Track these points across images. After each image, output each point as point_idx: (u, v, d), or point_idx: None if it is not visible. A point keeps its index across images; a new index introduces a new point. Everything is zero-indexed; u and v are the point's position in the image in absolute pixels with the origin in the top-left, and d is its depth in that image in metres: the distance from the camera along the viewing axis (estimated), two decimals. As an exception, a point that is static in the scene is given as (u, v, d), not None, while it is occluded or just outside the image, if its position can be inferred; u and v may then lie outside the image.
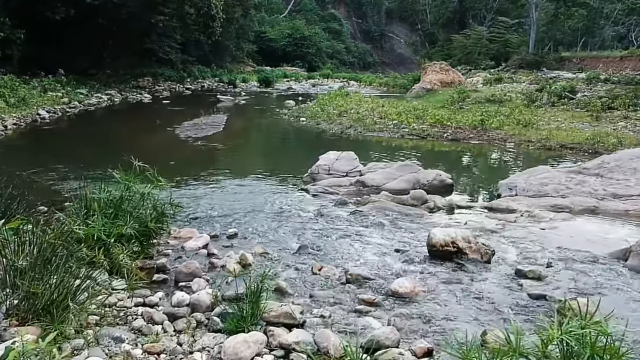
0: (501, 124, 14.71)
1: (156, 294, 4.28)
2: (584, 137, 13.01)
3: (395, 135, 14.44)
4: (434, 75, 29.43)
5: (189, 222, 6.40)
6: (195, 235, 5.76)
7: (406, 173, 8.52)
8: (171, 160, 10.98)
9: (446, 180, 8.51)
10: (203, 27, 31.25)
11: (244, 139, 14.71)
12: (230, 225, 6.33)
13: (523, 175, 8.25)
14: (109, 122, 17.72)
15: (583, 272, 4.89)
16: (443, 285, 4.55)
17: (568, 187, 7.58)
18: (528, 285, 4.51)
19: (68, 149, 12.03)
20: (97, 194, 4.66)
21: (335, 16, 69.76)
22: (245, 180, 8.96)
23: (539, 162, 11.57)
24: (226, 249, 5.48)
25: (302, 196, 7.94)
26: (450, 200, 7.45)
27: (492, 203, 7.36)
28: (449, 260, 5.13)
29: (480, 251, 5.18)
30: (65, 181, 8.28)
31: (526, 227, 6.29)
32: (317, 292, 4.33)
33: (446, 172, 9.41)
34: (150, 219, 4.98)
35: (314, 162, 9.56)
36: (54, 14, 22.35)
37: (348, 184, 8.37)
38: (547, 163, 11.35)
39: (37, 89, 20.18)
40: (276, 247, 5.59)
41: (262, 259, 5.13)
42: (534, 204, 7.18)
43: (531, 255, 5.37)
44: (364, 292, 4.35)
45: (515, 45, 49.20)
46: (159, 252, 5.28)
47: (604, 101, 17.69)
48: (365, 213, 6.85)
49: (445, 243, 5.17)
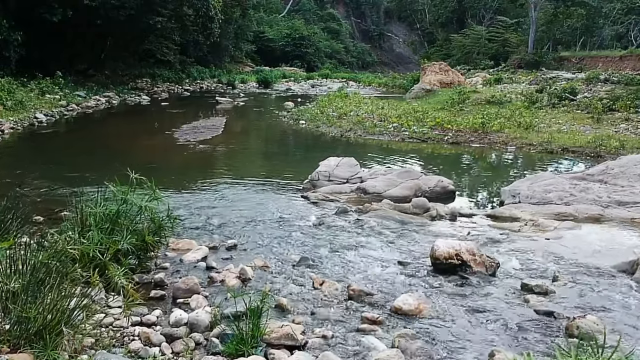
0: (502, 127, 14.60)
1: (154, 311, 4.17)
2: (585, 140, 12.91)
3: (396, 138, 14.34)
4: (434, 75, 29.34)
5: (188, 231, 6.29)
6: (193, 247, 5.65)
7: (407, 179, 8.41)
8: (169, 166, 10.89)
9: (448, 186, 8.40)
10: (201, 28, 31.11)
11: (243, 143, 14.59)
12: (230, 235, 6.22)
13: (526, 182, 8.14)
14: (107, 125, 17.59)
15: (590, 286, 4.78)
16: (448, 301, 4.44)
17: (572, 194, 7.47)
18: (535, 301, 4.40)
19: (65, 154, 11.91)
20: (93, 208, 4.53)
21: (334, 16, 69.72)
22: (244, 186, 8.84)
23: (541, 166, 11.52)
24: (225, 262, 5.37)
25: (302, 204, 7.82)
26: (452, 208, 7.33)
27: (495, 211, 7.26)
28: (453, 273, 5.02)
29: (485, 264, 5.07)
30: (61, 189, 8.15)
31: (530, 237, 6.18)
32: (319, 310, 4.22)
33: (448, 177, 9.31)
34: (148, 232, 4.86)
35: (314, 167, 9.46)
36: (51, 15, 22.21)
37: (349, 191, 8.26)
38: (549, 167, 11.32)
39: (34, 91, 20.05)
40: (276, 258, 5.49)
41: (262, 273, 5.02)
42: (537, 211, 7.08)
43: (536, 267, 5.26)
44: (367, 309, 4.24)
45: (514, 44, 49.14)
46: (157, 266, 5.18)
47: (605, 103, 17.57)
48: (367, 222, 6.74)
49: (449, 255, 5.06)
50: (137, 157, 11.65)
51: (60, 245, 3.65)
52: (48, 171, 9.62)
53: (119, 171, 5.19)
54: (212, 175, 9.87)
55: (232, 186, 8.86)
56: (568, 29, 52.65)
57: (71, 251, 3.61)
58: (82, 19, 23.81)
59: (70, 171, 9.65)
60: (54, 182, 8.59)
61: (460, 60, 48.81)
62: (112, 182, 5.02)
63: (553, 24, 50.79)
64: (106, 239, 4.41)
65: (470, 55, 51.08)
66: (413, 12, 73.19)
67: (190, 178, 9.27)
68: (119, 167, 5.31)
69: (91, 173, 9.30)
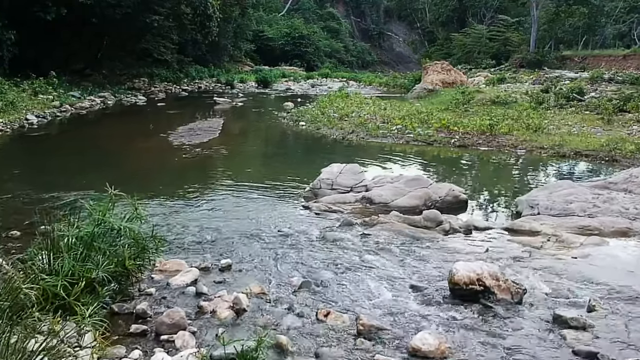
0: (510, 129, 14.01)
1: (132, 351, 3.60)
2: (599, 143, 12.32)
3: (400, 141, 13.76)
4: (436, 75, 28.77)
5: (177, 249, 5.72)
6: (183, 269, 5.08)
7: (416, 188, 7.83)
8: (161, 172, 10.31)
9: (460, 195, 7.82)
10: (199, 27, 30.53)
11: (240, 146, 14.00)
12: (224, 253, 5.65)
13: (544, 191, 7.55)
14: (100, 127, 16.98)
15: (631, 317, 4.21)
16: (471, 338, 3.87)
17: (595, 205, 6.90)
18: (572, 338, 3.82)
19: (52, 159, 11.31)
20: (66, 230, 3.96)
21: (333, 15, 69.15)
22: (241, 195, 8.25)
23: (555, 172, 10.96)
24: (218, 286, 4.81)
25: (303, 215, 7.25)
26: (466, 220, 6.75)
27: (513, 224, 6.67)
28: (474, 300, 4.45)
29: (510, 290, 4.50)
30: (43, 197, 7.57)
31: (556, 256, 5.60)
32: (324, 350, 3.65)
33: (457, 183, 8.75)
34: (129, 255, 4.28)
35: (315, 173, 8.90)
36: (45, 13, 21.65)
37: (353, 201, 7.67)
38: (564, 173, 10.76)
39: (27, 91, 19.47)
40: (275, 282, 4.91)
41: (258, 301, 4.44)
42: (559, 224, 6.50)
43: (567, 293, 4.69)
44: (380, 349, 3.67)
45: (515, 44, 48.71)
46: (140, 291, 4.60)
47: (615, 103, 16.99)
48: (374, 237, 6.17)
49: (470, 281, 4.49)
50: (128, 162, 11.08)
51: (17, 282, 3.06)
52: (31, 177, 9.05)
53: (107, 178, 4.63)
54: (206, 182, 9.29)
55: (227, 195, 8.27)
56: (570, 27, 52.23)
57: (27, 292, 3.01)
58: (77, 18, 23.25)
59: (55, 177, 9.07)
60: (37, 189, 8.00)
61: (461, 60, 48.36)
62: (91, 196, 4.45)
63: (555, 23, 50.31)
64: (79, 267, 3.83)
65: (471, 55, 50.63)
66: (413, 11, 72.70)
67: (182, 186, 8.68)
68: (107, 174, 4.75)
69: (77, 179, 8.72)
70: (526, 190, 8.40)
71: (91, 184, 7.76)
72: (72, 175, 9.10)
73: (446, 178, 9.91)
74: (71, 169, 9.96)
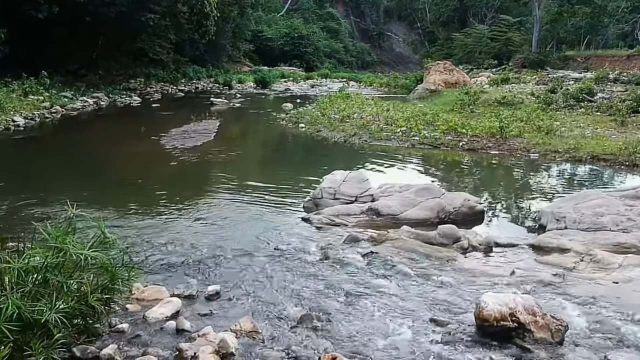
0: (521, 131, 13.30)
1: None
2: (616, 146, 11.59)
3: (405, 144, 13.03)
4: (438, 75, 28.13)
5: (158, 272, 5.00)
6: (163, 297, 4.36)
7: (427, 198, 7.10)
8: (150, 179, 9.55)
9: (476, 206, 7.10)
10: (196, 26, 29.89)
11: (237, 150, 13.23)
12: (212, 276, 4.93)
13: (570, 202, 6.82)
14: (89, 130, 16.24)
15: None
16: (511, 393, 3.15)
17: (630, 219, 6.18)
18: (634, 393, 3.11)
19: (34, 164, 10.57)
20: (11, 261, 3.23)
21: (333, 15, 68.66)
22: (234, 207, 7.51)
23: (574, 178, 10.27)
24: (203, 319, 4.09)
25: (303, 229, 6.52)
26: (487, 237, 6.02)
27: (539, 240, 5.94)
28: (507, 340, 3.73)
29: (549, 327, 3.78)
30: (5, 214, 6.79)
31: (593, 280, 4.88)
32: (330, 414, 2.93)
33: (469, 190, 8.08)
34: (94, 289, 3.55)
35: (316, 179, 8.20)
36: (37, 12, 20.98)
37: (358, 212, 6.95)
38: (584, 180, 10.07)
39: (16, 92, 18.76)
40: (270, 314, 4.19)
41: (249, 342, 3.71)
42: (590, 241, 5.79)
43: (614, 329, 3.97)
44: (399, 412, 2.96)
45: (517, 44, 48.31)
46: (111, 327, 3.88)
47: (628, 104, 16.28)
48: (383, 256, 5.45)
49: (502, 316, 3.77)
50: (112, 169, 10.36)
51: None
52: (9, 187, 8.29)
53: (86, 188, 3.92)
54: (197, 191, 8.54)
55: (219, 207, 7.52)
56: (572, 27, 51.80)
57: None
58: (70, 16, 22.66)
59: (28, 186, 8.28)
60: (10, 202, 7.25)
61: (462, 60, 47.87)
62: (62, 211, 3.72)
63: (557, 23, 49.92)
64: (28, 307, 3.11)
65: (472, 55, 50.17)
66: (413, 11, 72.23)
67: (170, 196, 7.95)
68: (87, 183, 4.03)
69: (53, 189, 7.97)
70: (546, 199, 7.72)
71: (67, 194, 7.01)
72: (49, 184, 8.36)
73: (457, 185, 9.20)
74: (49, 177, 9.23)
